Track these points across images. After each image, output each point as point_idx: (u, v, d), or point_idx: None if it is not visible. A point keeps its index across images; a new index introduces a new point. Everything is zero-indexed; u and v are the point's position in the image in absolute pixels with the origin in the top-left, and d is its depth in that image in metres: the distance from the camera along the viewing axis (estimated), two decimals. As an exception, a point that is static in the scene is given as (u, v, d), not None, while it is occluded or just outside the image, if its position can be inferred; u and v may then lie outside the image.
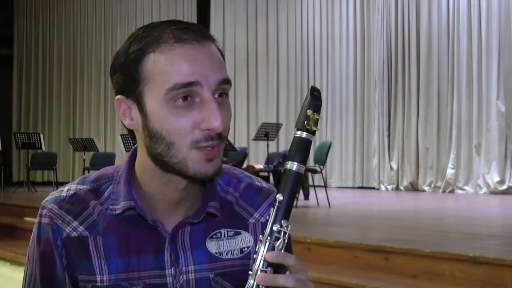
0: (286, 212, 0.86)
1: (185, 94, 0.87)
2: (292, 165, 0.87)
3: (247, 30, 12.01)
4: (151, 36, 0.89)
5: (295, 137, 0.87)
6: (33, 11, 13.91)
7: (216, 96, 0.89)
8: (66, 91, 13.50)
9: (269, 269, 0.84)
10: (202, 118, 0.87)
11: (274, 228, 0.85)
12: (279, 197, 0.86)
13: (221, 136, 0.89)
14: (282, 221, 0.85)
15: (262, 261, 0.84)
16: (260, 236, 0.86)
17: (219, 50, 0.93)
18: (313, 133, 0.87)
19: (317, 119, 0.86)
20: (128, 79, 0.90)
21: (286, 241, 0.85)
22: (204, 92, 0.87)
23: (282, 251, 0.85)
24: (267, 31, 11.80)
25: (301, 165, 0.87)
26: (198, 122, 0.87)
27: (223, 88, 0.90)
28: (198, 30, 0.90)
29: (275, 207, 0.86)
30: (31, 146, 10.31)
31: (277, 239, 0.85)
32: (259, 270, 0.84)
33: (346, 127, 10.63)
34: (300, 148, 0.87)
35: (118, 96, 0.93)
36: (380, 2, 10.07)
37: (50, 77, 13.72)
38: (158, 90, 0.87)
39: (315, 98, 0.87)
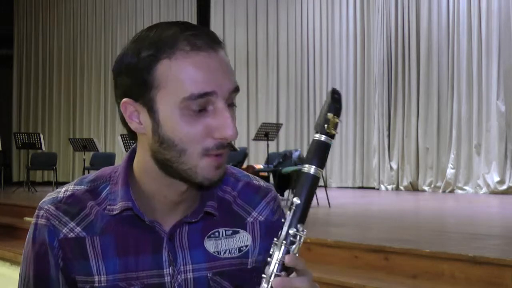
0: (302, 216, 0.85)
1: (201, 103, 0.86)
2: (310, 169, 0.86)
3: (247, 30, 12.01)
4: (163, 40, 0.87)
5: (313, 140, 0.86)
6: (33, 11, 13.91)
7: (227, 104, 0.89)
8: (66, 91, 13.50)
9: (283, 273, 0.84)
10: (215, 127, 0.87)
11: (290, 231, 0.85)
12: (296, 200, 0.85)
13: (230, 144, 0.90)
14: (298, 225, 0.85)
15: (277, 265, 0.84)
16: (275, 239, 0.86)
17: (227, 56, 0.93)
18: (332, 136, 0.85)
19: (337, 123, 0.85)
20: (138, 83, 0.88)
21: (301, 245, 0.85)
22: (218, 101, 0.87)
23: (297, 255, 0.85)
24: (267, 31, 11.80)
25: (319, 169, 0.86)
26: (211, 130, 0.87)
27: (233, 96, 0.90)
28: (212, 36, 0.89)
29: (292, 210, 0.85)
30: (31, 146, 10.31)
31: (293, 243, 0.84)
32: (273, 274, 0.83)
33: (346, 127, 10.61)
34: (319, 152, 0.85)
35: (125, 100, 0.90)
36: (380, 2, 10.07)
37: (50, 77, 13.72)
38: (172, 98, 0.86)
39: (335, 101, 0.85)
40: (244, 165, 8.63)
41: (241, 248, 1.00)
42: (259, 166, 8.41)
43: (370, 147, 10.24)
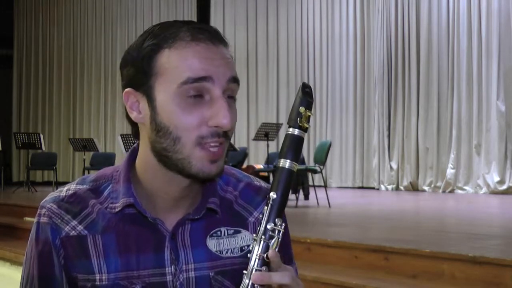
0: (279, 210, 0.86)
1: (197, 89, 0.88)
2: (285, 163, 0.87)
3: (247, 30, 12.01)
4: (167, 32, 0.91)
5: (287, 134, 0.87)
6: (33, 11, 13.90)
7: (226, 96, 0.90)
8: (66, 91, 13.50)
9: (264, 268, 0.84)
10: (210, 115, 0.88)
11: (268, 226, 0.85)
12: (273, 195, 0.86)
13: (226, 135, 0.90)
14: (276, 220, 0.85)
15: (257, 260, 0.84)
16: (254, 235, 0.86)
17: (230, 55, 0.94)
18: (305, 130, 0.87)
19: (309, 116, 0.86)
20: (139, 72, 0.91)
21: (280, 239, 0.85)
22: (214, 89, 0.89)
23: (276, 249, 0.85)
24: (267, 31, 11.80)
25: (294, 163, 0.87)
26: (206, 118, 0.88)
27: (232, 88, 0.91)
28: (214, 32, 0.92)
29: (269, 205, 0.86)
30: (31, 146, 10.30)
31: (271, 237, 0.85)
32: (254, 269, 0.84)
33: (346, 127, 10.62)
34: (293, 146, 0.87)
35: (127, 89, 0.93)
36: (380, 2, 10.07)
37: (50, 77, 13.71)
38: (169, 84, 0.89)
39: (306, 95, 0.87)
40: (244, 165, 8.63)
41: (243, 248, 1.00)
42: (259, 166, 8.41)
43: (370, 147, 10.24)
